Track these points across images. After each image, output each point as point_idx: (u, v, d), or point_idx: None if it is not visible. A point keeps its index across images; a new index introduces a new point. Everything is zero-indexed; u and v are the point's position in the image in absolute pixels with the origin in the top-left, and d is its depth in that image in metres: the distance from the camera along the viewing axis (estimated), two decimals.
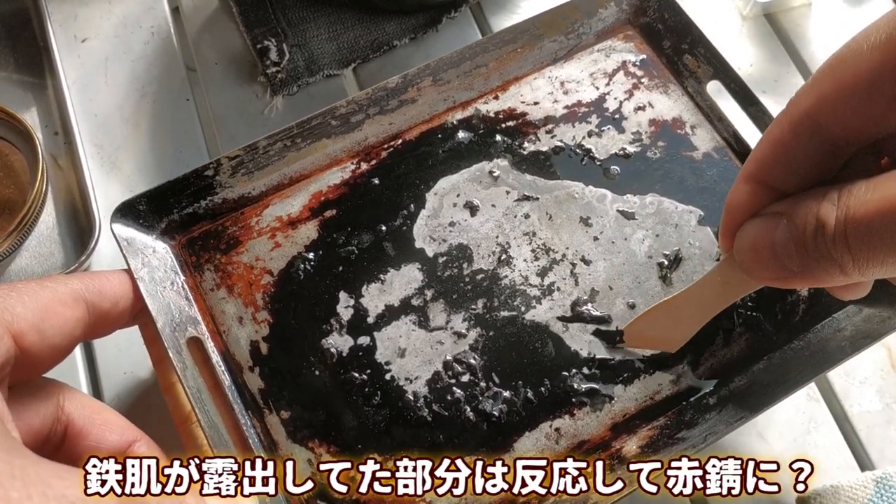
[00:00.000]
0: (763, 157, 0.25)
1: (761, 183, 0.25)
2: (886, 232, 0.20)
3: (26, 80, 0.45)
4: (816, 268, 0.23)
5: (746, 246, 0.25)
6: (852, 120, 0.22)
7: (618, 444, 0.32)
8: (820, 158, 0.24)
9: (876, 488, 0.33)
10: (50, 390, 0.27)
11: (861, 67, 0.22)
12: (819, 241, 0.22)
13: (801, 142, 0.23)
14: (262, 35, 0.45)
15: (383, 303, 0.35)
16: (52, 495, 0.18)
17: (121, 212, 0.34)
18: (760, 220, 0.25)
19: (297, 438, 0.32)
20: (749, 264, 0.25)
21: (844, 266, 0.22)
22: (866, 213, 0.21)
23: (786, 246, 0.23)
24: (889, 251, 0.21)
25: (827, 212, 0.22)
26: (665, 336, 0.33)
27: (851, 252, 0.21)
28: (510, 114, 0.39)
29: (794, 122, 0.23)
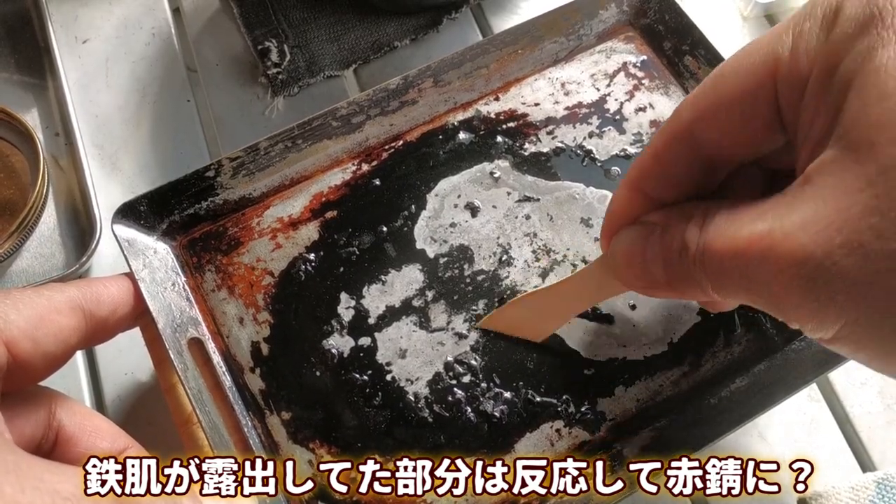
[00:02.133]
0: (644, 166, 0.25)
1: (640, 191, 0.25)
2: (735, 271, 0.20)
3: (27, 80, 0.45)
4: (680, 283, 0.23)
5: (619, 252, 0.25)
6: (728, 138, 0.22)
7: (619, 445, 0.32)
8: (697, 172, 0.24)
9: (877, 489, 0.33)
10: (42, 397, 0.27)
11: (738, 87, 0.21)
12: (683, 261, 0.22)
13: (679, 155, 0.23)
14: (263, 36, 0.46)
15: (384, 304, 0.35)
16: (45, 489, 0.19)
17: (122, 213, 0.34)
18: (635, 229, 0.25)
19: (298, 439, 0.32)
20: (620, 270, 0.26)
21: (704, 288, 0.22)
22: (720, 248, 0.21)
23: (654, 258, 0.24)
24: (739, 287, 0.21)
25: (691, 235, 0.22)
26: (532, 325, 0.33)
27: (709, 278, 0.22)
28: (511, 115, 0.39)
29: (674, 135, 0.23)
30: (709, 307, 0.32)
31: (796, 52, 0.20)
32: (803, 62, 0.20)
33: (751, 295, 0.20)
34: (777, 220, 0.19)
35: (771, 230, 0.19)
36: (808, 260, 0.18)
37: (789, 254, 0.18)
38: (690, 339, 0.34)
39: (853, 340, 0.19)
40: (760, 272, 0.19)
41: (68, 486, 0.19)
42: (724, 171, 0.24)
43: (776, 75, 0.20)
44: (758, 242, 0.19)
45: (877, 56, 0.17)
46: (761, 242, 0.19)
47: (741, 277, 0.20)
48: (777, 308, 0.20)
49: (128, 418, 0.37)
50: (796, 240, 0.18)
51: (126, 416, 0.37)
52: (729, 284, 0.21)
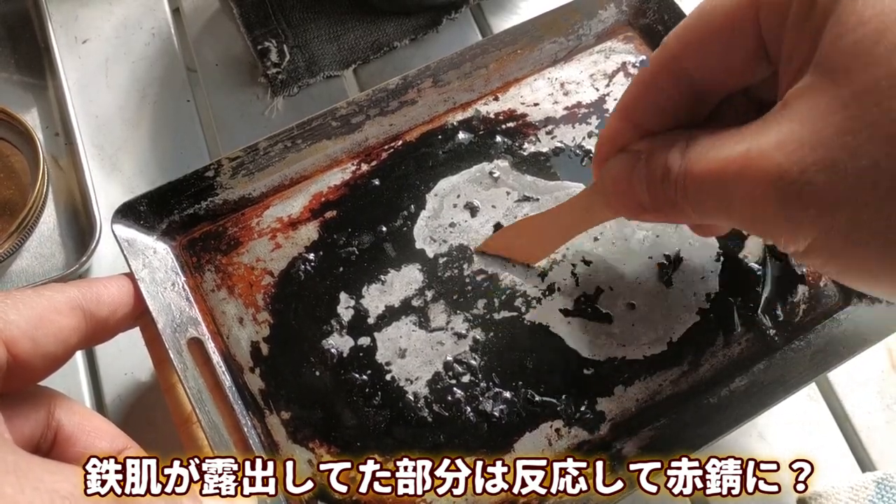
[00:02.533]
0: (632, 96, 0.26)
1: (629, 121, 0.26)
2: (714, 191, 0.21)
3: (27, 81, 0.45)
4: (664, 207, 0.24)
5: (608, 178, 0.26)
6: (713, 69, 0.23)
7: (618, 445, 0.32)
8: (684, 102, 0.24)
9: (877, 489, 0.33)
10: (41, 397, 0.27)
11: (722, 17, 0.22)
12: (665, 185, 0.23)
13: (666, 84, 0.24)
14: (263, 36, 0.46)
15: (384, 303, 0.35)
16: (45, 489, 0.19)
17: (121, 213, 0.34)
18: (623, 157, 0.26)
19: (298, 439, 0.32)
20: (609, 196, 0.27)
21: (685, 211, 0.23)
22: (700, 170, 0.22)
23: (640, 183, 0.24)
24: (718, 208, 0.22)
25: (673, 159, 0.23)
26: (527, 249, 0.35)
27: (689, 201, 0.22)
28: (510, 115, 0.39)
29: (661, 65, 0.24)
30: (698, 231, 0.33)
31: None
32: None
33: (729, 214, 0.21)
34: (754, 140, 0.20)
35: (748, 150, 0.20)
36: (783, 176, 0.19)
37: (765, 171, 0.19)
38: (690, 339, 0.34)
39: (824, 253, 0.20)
40: (738, 190, 0.20)
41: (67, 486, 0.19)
42: (711, 101, 0.25)
43: (759, 5, 0.21)
44: (735, 162, 0.20)
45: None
46: (738, 162, 0.20)
47: (720, 198, 0.21)
48: (753, 224, 0.21)
49: (127, 418, 0.37)
50: (772, 158, 0.19)
51: (126, 415, 0.37)
52: (708, 205, 0.22)
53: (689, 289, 0.35)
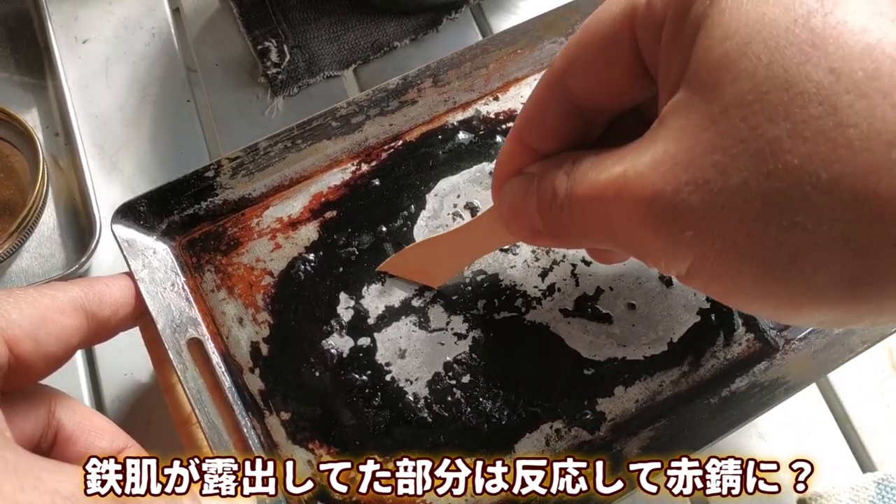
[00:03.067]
0: (524, 117, 0.25)
1: (522, 143, 0.25)
2: (596, 214, 0.21)
3: (27, 81, 0.45)
4: (555, 230, 0.24)
5: (504, 203, 0.26)
6: (596, 86, 0.23)
7: (618, 445, 0.32)
8: (573, 122, 0.24)
9: (877, 490, 0.33)
10: (42, 396, 0.27)
11: (600, 35, 0.22)
12: (553, 208, 0.23)
13: (554, 104, 0.24)
14: (263, 36, 0.46)
15: (383, 304, 0.35)
16: (45, 489, 0.19)
17: (121, 213, 0.34)
18: (518, 180, 0.25)
19: (298, 439, 0.32)
20: (506, 220, 0.26)
21: (572, 235, 0.23)
22: (582, 193, 0.21)
23: (532, 207, 0.24)
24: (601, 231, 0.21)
25: (560, 182, 0.23)
26: (428, 271, 0.34)
27: (575, 224, 0.22)
28: (510, 115, 0.39)
29: (549, 84, 0.24)
30: (597, 258, 0.32)
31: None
32: (658, 8, 0.20)
33: (613, 238, 0.21)
34: (631, 161, 0.20)
35: (625, 172, 0.20)
36: (657, 198, 0.19)
37: (640, 192, 0.19)
38: (690, 339, 0.34)
39: (704, 275, 0.19)
40: (617, 213, 0.20)
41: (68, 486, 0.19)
42: (600, 121, 0.24)
43: (634, 21, 0.21)
44: (613, 184, 0.20)
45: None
46: (616, 183, 0.20)
47: (601, 221, 0.21)
48: (633, 248, 0.21)
49: (127, 418, 0.37)
50: (647, 179, 0.19)
51: (125, 416, 0.37)
52: (593, 229, 0.22)
53: (689, 289, 0.35)
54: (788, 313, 0.19)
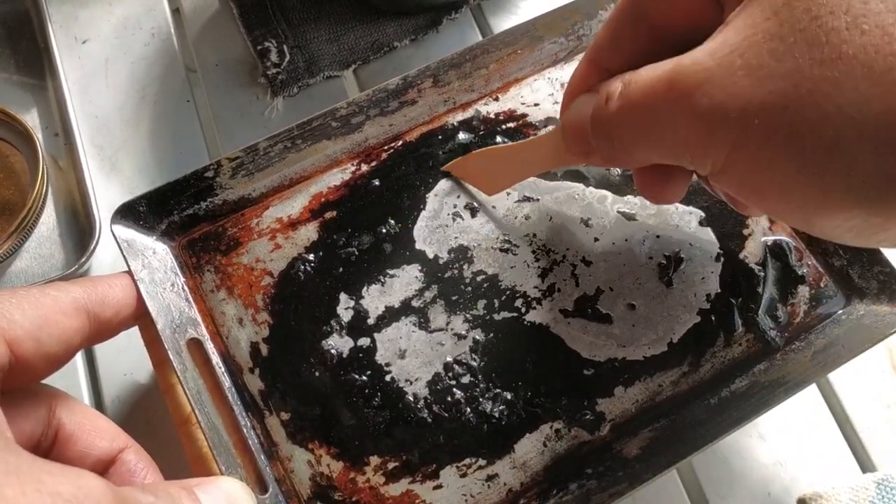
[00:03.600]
0: (599, 40, 0.26)
1: (597, 64, 0.26)
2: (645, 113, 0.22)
3: (27, 81, 0.45)
4: (602, 142, 0.24)
5: (567, 118, 0.27)
6: (671, 12, 0.24)
7: (619, 446, 0.32)
8: (645, 43, 0.25)
9: (877, 490, 0.33)
10: (42, 395, 0.27)
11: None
12: (604, 114, 0.23)
13: (628, 27, 0.25)
14: (263, 36, 0.45)
15: (383, 304, 0.35)
16: (46, 491, 0.18)
17: (121, 213, 0.34)
18: (584, 97, 0.26)
19: (298, 439, 0.32)
20: (565, 134, 0.27)
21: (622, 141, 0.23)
22: (633, 92, 0.22)
23: (588, 117, 0.25)
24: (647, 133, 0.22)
25: (614, 87, 0.23)
26: (489, 178, 0.35)
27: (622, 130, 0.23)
28: (510, 115, 0.39)
29: (624, 9, 0.25)
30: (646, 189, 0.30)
31: None
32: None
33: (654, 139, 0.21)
34: (689, 55, 0.20)
35: (680, 61, 0.20)
36: (709, 80, 0.19)
37: (693, 77, 0.20)
38: (690, 340, 0.34)
39: (740, 166, 0.20)
40: (665, 104, 0.21)
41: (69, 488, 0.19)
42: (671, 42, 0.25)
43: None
44: (666, 76, 0.21)
45: None
46: (668, 76, 0.20)
47: (649, 120, 0.21)
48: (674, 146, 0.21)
49: (127, 419, 0.37)
50: (702, 64, 0.19)
51: (125, 416, 0.37)
52: (638, 133, 0.22)
53: (689, 289, 0.35)
54: (816, 212, 0.20)
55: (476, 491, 0.32)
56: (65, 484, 0.19)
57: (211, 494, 0.24)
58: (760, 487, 0.35)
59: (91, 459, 0.27)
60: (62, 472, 0.20)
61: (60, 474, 0.19)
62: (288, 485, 0.31)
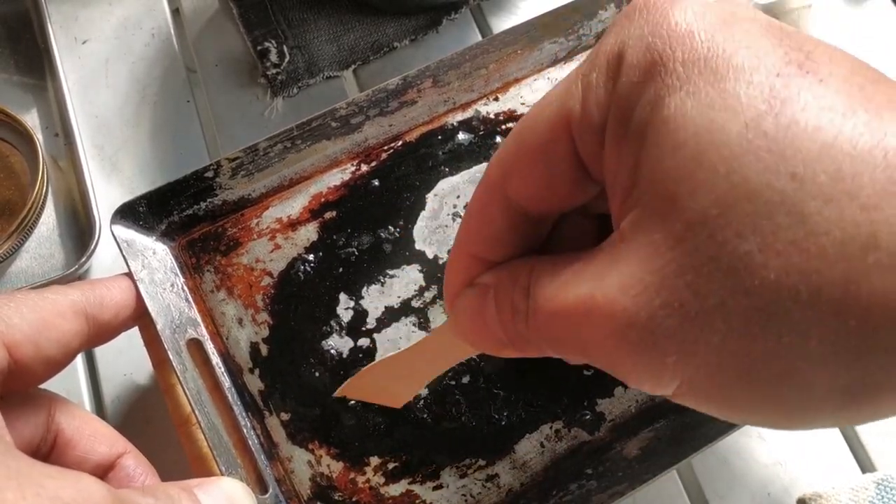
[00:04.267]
0: (467, 229, 0.24)
1: (468, 253, 0.24)
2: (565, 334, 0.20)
3: (27, 81, 0.45)
4: (523, 346, 0.22)
5: (461, 316, 0.24)
6: (536, 192, 0.21)
7: (619, 446, 0.32)
8: (518, 229, 0.23)
9: (877, 490, 0.33)
10: (41, 400, 0.27)
11: (536, 142, 0.21)
12: (517, 325, 0.22)
13: (495, 213, 0.22)
14: (263, 37, 0.45)
15: (383, 304, 0.35)
16: (47, 496, 0.18)
17: (121, 213, 0.34)
18: (472, 293, 0.24)
19: (298, 440, 0.32)
20: (466, 334, 0.24)
21: (544, 350, 0.21)
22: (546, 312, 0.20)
23: (493, 322, 0.23)
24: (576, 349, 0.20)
25: (518, 299, 0.21)
26: (390, 391, 0.32)
27: (544, 341, 0.21)
28: (510, 115, 0.39)
29: (487, 194, 0.23)
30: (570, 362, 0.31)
31: (587, 103, 0.19)
32: (594, 114, 0.19)
33: (585, 356, 0.20)
34: (597, 281, 0.18)
35: (591, 294, 0.18)
36: (632, 324, 0.17)
37: (613, 318, 0.18)
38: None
39: (693, 396, 0.18)
40: (591, 336, 0.19)
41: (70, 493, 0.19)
42: (546, 224, 0.23)
43: (570, 128, 0.20)
44: (581, 307, 0.19)
45: (664, 105, 0.17)
46: (584, 307, 0.19)
47: (574, 340, 0.20)
48: (616, 371, 0.19)
49: (127, 419, 0.37)
50: (618, 304, 0.18)
51: (125, 416, 0.37)
52: (566, 346, 0.20)
53: None
54: (788, 425, 0.18)
55: (476, 491, 0.32)
56: (65, 488, 0.19)
57: (211, 495, 0.24)
58: (760, 487, 0.35)
59: (90, 464, 0.27)
60: (62, 475, 0.20)
61: (60, 478, 0.19)
62: (288, 485, 0.31)
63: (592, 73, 0.19)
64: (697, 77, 0.17)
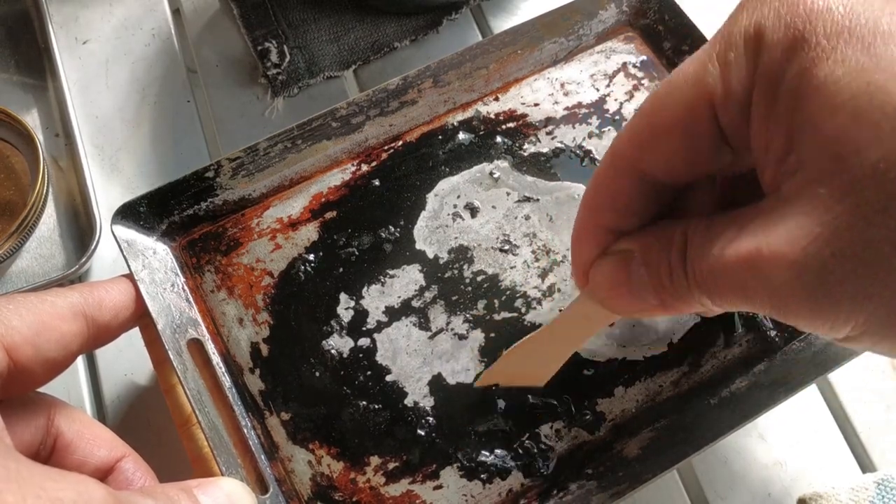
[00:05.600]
0: (594, 201, 0.25)
1: (598, 223, 0.25)
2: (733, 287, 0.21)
3: (27, 81, 0.45)
4: (677, 303, 0.23)
5: (602, 285, 0.25)
6: (672, 165, 0.23)
7: (619, 446, 0.32)
8: (652, 199, 0.24)
9: (877, 490, 0.33)
10: (41, 404, 0.27)
11: (676, 119, 0.22)
12: (675, 284, 0.23)
13: (627, 188, 0.24)
14: (263, 37, 0.46)
15: (384, 304, 0.35)
16: (47, 497, 0.18)
17: (121, 213, 0.34)
18: (611, 260, 0.25)
19: (298, 440, 0.32)
20: (608, 302, 0.26)
21: (705, 304, 0.22)
22: (710, 268, 0.21)
23: (642, 284, 0.24)
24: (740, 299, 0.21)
25: (675, 259, 0.22)
26: (532, 372, 0.32)
27: (708, 295, 0.22)
28: (510, 115, 0.39)
29: (618, 171, 0.24)
30: (707, 314, 0.32)
31: (728, 81, 0.21)
32: (738, 90, 0.21)
33: (753, 305, 0.21)
34: (762, 237, 0.20)
35: (758, 248, 0.20)
36: (804, 273, 0.19)
37: (782, 269, 0.19)
38: (690, 340, 0.34)
39: (869, 338, 0.19)
40: (759, 286, 0.20)
41: (70, 495, 0.19)
42: (675, 191, 0.25)
43: (713, 104, 0.21)
44: (748, 260, 0.20)
45: (815, 75, 0.18)
46: (751, 260, 0.20)
47: (740, 291, 0.21)
48: (786, 317, 0.20)
49: (127, 419, 0.37)
50: (788, 256, 0.19)
51: (126, 416, 0.37)
52: (729, 298, 0.21)
53: None
54: None
55: (476, 491, 0.32)
56: (66, 490, 0.19)
57: (211, 495, 0.24)
58: (760, 487, 0.35)
59: (89, 468, 0.27)
60: (63, 477, 0.20)
61: (61, 480, 0.19)
62: (288, 485, 0.31)
63: (730, 53, 0.21)
64: (844, 46, 0.18)
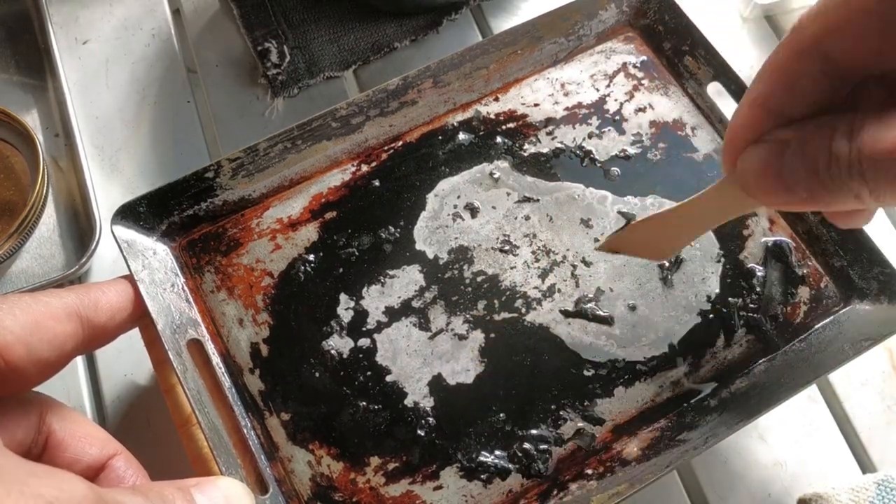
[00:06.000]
0: (768, 84, 0.25)
1: (765, 108, 0.25)
2: None
3: (27, 82, 0.45)
4: (827, 195, 0.23)
5: (751, 170, 0.25)
6: (861, 50, 0.23)
7: (619, 446, 0.32)
8: (826, 86, 0.24)
9: (877, 491, 0.33)
10: (33, 402, 0.27)
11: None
12: (833, 172, 0.22)
13: (807, 70, 0.24)
14: (263, 37, 0.45)
15: (384, 304, 0.35)
16: (29, 493, 0.19)
17: (121, 214, 0.34)
18: (766, 146, 0.25)
19: (298, 440, 0.32)
20: (753, 188, 0.25)
21: (861, 195, 0.22)
22: (880, 152, 0.21)
23: (794, 173, 0.24)
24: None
25: (840, 146, 0.22)
26: (655, 245, 0.33)
27: (868, 184, 0.22)
28: (510, 115, 0.39)
29: (800, 50, 0.24)
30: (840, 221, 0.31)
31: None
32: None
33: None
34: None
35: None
36: None
37: None
38: (690, 340, 0.34)
39: None
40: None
41: (52, 491, 0.19)
42: (852, 83, 0.24)
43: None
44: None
45: None
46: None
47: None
48: None
49: (127, 419, 0.37)
50: None
51: (125, 416, 0.37)
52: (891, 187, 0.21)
53: (689, 290, 0.35)
54: None
55: (476, 491, 0.32)
56: (48, 486, 0.19)
57: (209, 495, 0.24)
58: (760, 488, 0.35)
59: (81, 466, 0.27)
60: (47, 474, 0.20)
61: (45, 476, 0.19)
62: (288, 485, 0.31)
63: None
64: None
